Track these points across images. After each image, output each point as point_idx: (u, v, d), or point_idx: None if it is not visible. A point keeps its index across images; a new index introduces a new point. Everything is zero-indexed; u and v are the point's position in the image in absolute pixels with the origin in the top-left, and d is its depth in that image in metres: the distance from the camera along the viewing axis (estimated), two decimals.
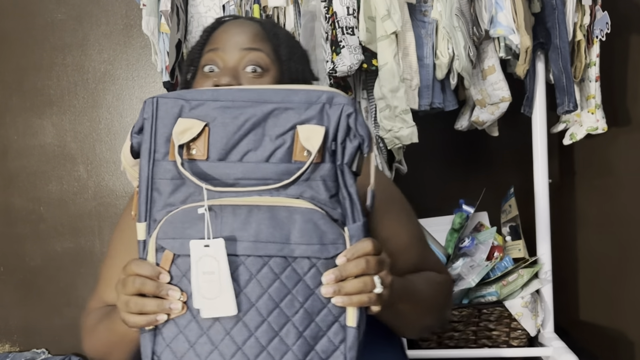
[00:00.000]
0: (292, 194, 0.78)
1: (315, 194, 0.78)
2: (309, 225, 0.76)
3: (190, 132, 0.77)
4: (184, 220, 0.76)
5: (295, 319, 0.76)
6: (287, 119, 0.79)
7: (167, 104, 0.79)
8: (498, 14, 1.61)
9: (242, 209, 0.76)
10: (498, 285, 1.70)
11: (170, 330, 0.77)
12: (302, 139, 0.78)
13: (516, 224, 1.86)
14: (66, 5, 2.05)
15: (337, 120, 0.79)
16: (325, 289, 0.76)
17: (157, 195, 0.79)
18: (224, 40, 1.00)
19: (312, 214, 0.76)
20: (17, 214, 2.07)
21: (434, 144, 1.93)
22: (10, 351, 2.06)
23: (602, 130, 1.82)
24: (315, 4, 1.57)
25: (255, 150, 0.78)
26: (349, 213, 0.79)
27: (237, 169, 0.78)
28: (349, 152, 0.80)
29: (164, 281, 0.77)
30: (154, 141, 0.79)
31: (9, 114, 2.07)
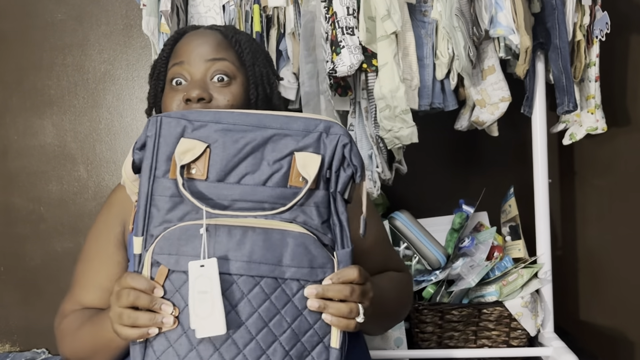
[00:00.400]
0: (286, 217, 0.81)
1: (308, 219, 0.82)
2: (300, 249, 0.80)
3: (192, 153, 0.80)
4: (180, 237, 0.79)
5: (283, 338, 0.79)
6: (285, 145, 0.82)
7: (170, 124, 0.82)
8: (498, 14, 1.61)
9: (237, 229, 0.79)
10: (498, 285, 1.70)
11: (160, 344, 0.78)
12: (299, 166, 0.81)
13: (516, 224, 1.86)
14: (66, 5, 2.05)
15: (333, 150, 0.83)
16: (311, 302, 0.79)
17: (155, 211, 0.81)
18: (188, 52, 1.02)
19: (304, 238, 0.80)
20: (17, 214, 2.07)
21: (434, 144, 1.93)
22: (11, 351, 2.06)
23: (602, 130, 1.82)
24: (315, 4, 1.57)
25: (252, 174, 0.81)
26: (339, 239, 0.83)
27: (235, 190, 0.81)
28: (342, 181, 0.84)
29: (158, 295, 0.78)
30: (156, 159, 0.82)
31: (9, 114, 2.07)
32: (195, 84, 1.00)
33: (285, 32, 1.64)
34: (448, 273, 1.74)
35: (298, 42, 1.61)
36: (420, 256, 1.77)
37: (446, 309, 1.72)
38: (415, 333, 1.76)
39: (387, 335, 1.72)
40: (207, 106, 0.99)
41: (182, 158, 0.80)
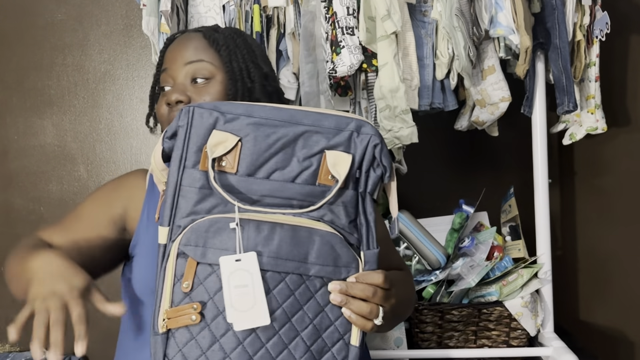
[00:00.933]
0: (314, 215, 0.82)
1: (335, 218, 0.83)
2: (326, 248, 0.80)
3: (223, 146, 0.80)
4: (209, 229, 0.79)
5: (304, 333, 0.80)
6: (316, 143, 0.82)
7: (202, 115, 0.82)
8: (498, 14, 1.62)
9: (266, 225, 0.79)
10: (498, 285, 1.70)
11: (183, 336, 0.79)
12: (330, 164, 0.82)
13: (516, 224, 1.86)
14: (66, 5, 2.05)
15: (364, 150, 0.84)
16: (334, 295, 0.80)
17: (183, 202, 0.81)
18: (171, 59, 1.05)
19: (331, 237, 0.81)
20: (17, 214, 2.07)
21: (434, 144, 1.93)
22: (11, 351, 2.06)
23: (602, 130, 1.82)
24: (315, 4, 1.57)
25: (282, 170, 0.82)
26: (365, 239, 0.84)
27: (264, 186, 0.81)
28: (372, 181, 0.85)
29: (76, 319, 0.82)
30: (186, 149, 0.81)
31: (9, 114, 2.07)
32: (175, 88, 1.02)
33: (285, 32, 1.64)
34: (448, 273, 1.74)
35: (298, 42, 1.61)
36: (420, 256, 1.77)
37: (446, 309, 1.72)
38: (415, 333, 1.76)
39: (387, 335, 1.72)
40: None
41: (213, 150, 0.80)
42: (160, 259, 0.81)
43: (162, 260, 0.81)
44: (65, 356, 2.08)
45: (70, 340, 0.87)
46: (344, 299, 0.80)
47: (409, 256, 1.81)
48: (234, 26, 1.63)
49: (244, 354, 0.78)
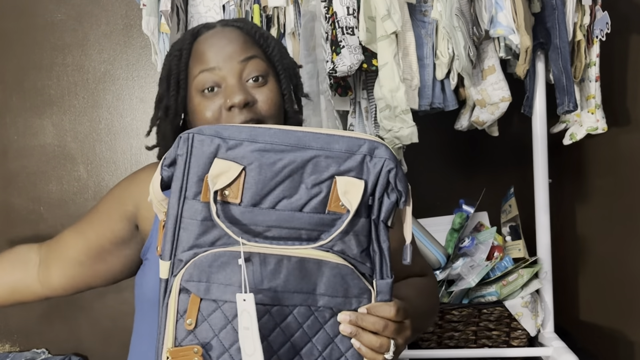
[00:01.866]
0: (323, 246, 0.78)
1: (346, 248, 0.78)
2: (336, 279, 0.77)
3: (226, 176, 0.76)
4: (212, 264, 0.75)
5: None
6: (326, 168, 0.77)
7: (203, 142, 0.77)
8: (498, 14, 1.61)
9: (272, 258, 0.76)
10: (498, 285, 1.70)
11: None
12: (340, 192, 0.77)
13: (516, 224, 1.86)
14: (66, 5, 2.05)
15: (377, 175, 0.78)
16: (344, 326, 0.77)
17: (184, 235, 0.77)
18: (216, 55, 0.96)
19: (341, 268, 0.77)
20: (17, 214, 2.07)
21: (434, 144, 1.93)
22: (10, 351, 2.06)
23: (602, 130, 1.82)
24: (315, 4, 1.57)
25: (289, 198, 0.77)
26: (378, 268, 0.80)
27: (271, 216, 0.77)
28: (385, 208, 0.80)
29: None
30: (187, 179, 0.77)
31: (9, 114, 2.07)
32: (234, 89, 0.95)
33: (285, 32, 1.64)
34: (448, 273, 1.74)
35: (298, 42, 1.61)
36: None
37: (446, 309, 1.72)
38: None
39: None
40: (252, 110, 0.96)
41: (215, 182, 0.75)
42: (162, 294, 0.78)
43: (164, 296, 0.77)
44: (65, 356, 2.09)
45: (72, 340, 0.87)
46: (353, 330, 0.77)
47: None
48: None
49: None
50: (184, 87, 1.00)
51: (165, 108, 1.01)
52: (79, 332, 2.05)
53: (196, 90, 0.97)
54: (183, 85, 1.00)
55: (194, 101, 0.98)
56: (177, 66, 1.00)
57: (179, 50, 1.00)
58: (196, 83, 0.97)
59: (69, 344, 2.03)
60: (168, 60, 1.02)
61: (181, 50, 1.00)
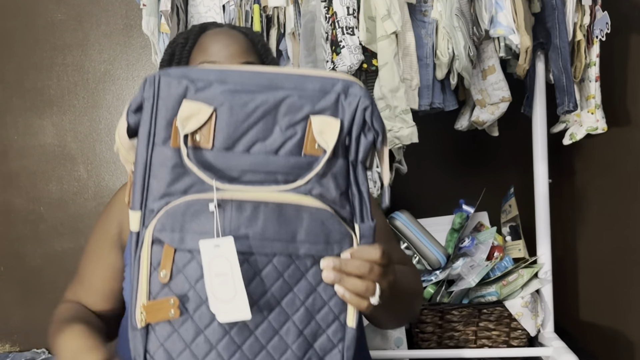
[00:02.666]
0: (301, 190, 0.74)
1: (324, 191, 0.75)
2: (316, 224, 0.74)
3: (196, 119, 0.72)
4: (185, 212, 0.72)
5: (296, 317, 0.75)
6: (299, 108, 0.74)
7: (170, 84, 0.73)
8: (498, 14, 1.61)
9: (248, 204, 0.72)
10: (498, 285, 1.70)
11: (164, 329, 0.73)
12: (316, 132, 0.74)
13: (516, 224, 1.86)
14: (66, 5, 2.05)
15: (353, 114, 0.75)
16: (327, 273, 0.73)
17: (154, 183, 0.73)
18: (219, 51, 0.99)
19: (321, 213, 0.74)
20: (17, 214, 2.07)
21: (434, 144, 1.93)
22: (10, 351, 2.06)
23: (602, 130, 1.82)
24: (315, 4, 1.57)
25: (263, 141, 0.74)
26: (358, 211, 0.77)
27: (245, 160, 0.73)
28: (363, 148, 0.76)
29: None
30: (154, 124, 0.73)
31: (10, 114, 2.07)
32: None
33: (285, 32, 1.64)
34: (448, 273, 1.74)
35: (298, 42, 1.61)
36: (421, 256, 1.77)
37: (446, 309, 1.72)
38: (415, 333, 1.76)
39: (387, 335, 1.71)
40: None
41: (185, 125, 0.72)
42: (134, 248, 0.74)
43: (135, 249, 0.73)
44: None
45: None
46: (337, 277, 0.73)
47: (409, 256, 1.81)
48: None
49: (232, 345, 0.72)
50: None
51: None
52: None
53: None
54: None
55: None
56: (180, 52, 1.02)
57: (185, 38, 1.03)
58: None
59: None
60: (172, 46, 1.04)
61: (187, 39, 1.03)
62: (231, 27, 1.06)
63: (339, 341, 0.76)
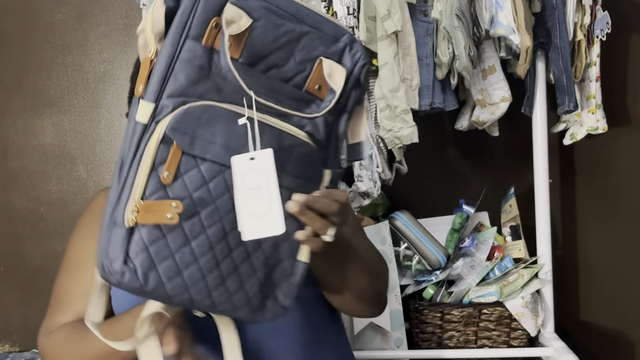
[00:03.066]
0: (297, 123, 0.77)
1: (315, 130, 0.78)
2: (304, 160, 0.75)
3: (237, 25, 0.71)
4: (201, 117, 0.69)
5: (266, 245, 0.75)
6: (315, 48, 0.77)
7: None
8: (498, 14, 1.61)
9: (258, 124, 0.72)
10: (498, 285, 1.70)
11: (152, 233, 0.68)
12: (326, 74, 0.77)
13: (516, 224, 1.86)
14: (66, 5, 2.05)
15: (353, 67, 0.80)
16: (292, 204, 0.73)
17: (175, 78, 0.70)
18: None
19: (310, 150, 0.76)
20: (17, 214, 2.07)
21: (434, 144, 1.93)
22: (10, 351, 2.06)
23: (603, 130, 1.82)
24: (315, 4, 1.57)
25: (279, 68, 0.75)
26: (332, 158, 0.80)
27: (261, 81, 0.74)
28: (351, 101, 0.81)
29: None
30: (193, 17, 0.71)
31: (9, 114, 2.07)
32: None
33: None
34: (448, 273, 1.74)
35: None
36: (421, 256, 1.77)
37: (446, 309, 1.72)
38: (415, 333, 1.76)
39: (387, 336, 1.71)
40: None
41: (227, 27, 0.70)
42: (137, 140, 0.69)
43: (138, 142, 0.69)
44: None
45: None
46: (301, 209, 0.73)
47: (409, 256, 1.81)
48: None
49: (212, 261, 0.70)
50: None
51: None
52: None
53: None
54: None
55: None
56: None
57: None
58: None
59: None
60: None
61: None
62: None
63: (291, 275, 0.77)
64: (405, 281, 1.83)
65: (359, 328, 1.67)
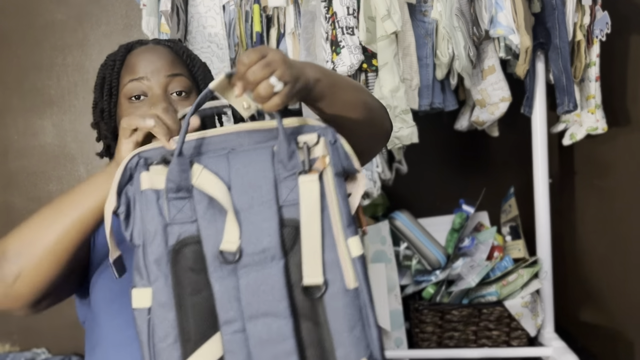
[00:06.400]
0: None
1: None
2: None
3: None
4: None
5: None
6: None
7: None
8: (498, 14, 1.62)
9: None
10: (498, 285, 1.70)
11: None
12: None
13: (516, 224, 1.86)
14: (66, 5, 2.05)
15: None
16: (237, 89, 0.77)
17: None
18: (145, 68, 1.03)
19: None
20: (17, 214, 2.07)
21: (434, 144, 1.93)
22: (10, 351, 2.06)
23: (602, 130, 1.82)
24: (315, 4, 1.57)
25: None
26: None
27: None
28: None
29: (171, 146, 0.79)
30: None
31: (10, 114, 2.07)
32: (159, 98, 1.01)
33: (285, 32, 1.64)
34: (448, 273, 1.74)
35: (298, 42, 1.61)
36: (421, 256, 1.77)
37: (446, 309, 1.72)
38: (415, 333, 1.76)
39: (387, 335, 1.72)
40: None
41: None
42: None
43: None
44: (65, 356, 2.08)
45: (72, 340, 0.86)
46: (245, 86, 0.77)
47: (409, 256, 1.81)
48: (234, 26, 1.64)
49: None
50: (115, 94, 1.06)
51: (101, 111, 1.07)
52: (79, 332, 2.05)
53: (125, 97, 1.03)
54: (115, 92, 1.06)
55: (122, 107, 1.04)
56: (110, 75, 1.06)
57: (113, 60, 1.07)
58: (125, 91, 1.03)
59: (69, 344, 2.03)
60: (103, 69, 1.09)
61: (115, 61, 1.07)
62: (156, 43, 1.10)
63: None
64: (405, 281, 1.83)
65: None
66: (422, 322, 1.73)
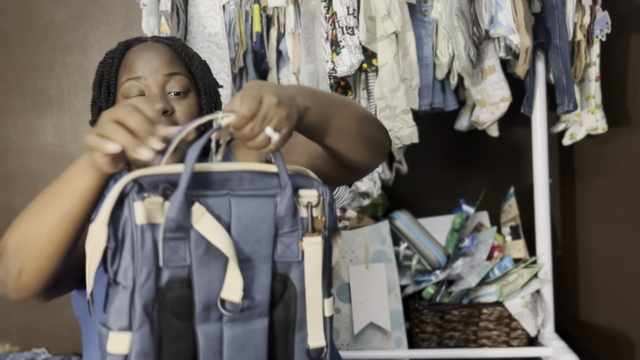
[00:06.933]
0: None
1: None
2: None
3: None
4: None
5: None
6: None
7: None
8: (498, 14, 1.62)
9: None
10: (498, 285, 1.70)
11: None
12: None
13: (516, 224, 1.86)
14: (66, 5, 2.05)
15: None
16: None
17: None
18: (143, 67, 1.02)
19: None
20: (17, 214, 2.06)
21: (434, 144, 1.93)
22: (10, 351, 2.06)
23: (602, 130, 1.82)
24: (315, 4, 1.57)
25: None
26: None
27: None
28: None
29: (155, 133, 0.71)
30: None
31: (10, 114, 2.07)
32: (156, 97, 0.99)
33: (285, 32, 1.64)
34: (448, 273, 1.74)
35: (298, 42, 1.61)
36: (421, 256, 1.77)
37: (446, 309, 1.72)
38: (415, 333, 1.76)
39: (387, 335, 1.72)
40: (169, 118, 0.99)
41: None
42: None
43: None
44: (64, 356, 2.08)
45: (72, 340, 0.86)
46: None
47: (409, 256, 1.81)
48: (234, 26, 1.64)
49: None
50: (113, 92, 1.05)
51: (99, 110, 1.06)
52: (79, 332, 2.05)
53: (122, 96, 1.03)
54: (113, 91, 1.05)
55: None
56: (108, 73, 1.06)
57: (111, 58, 1.07)
58: (123, 89, 1.02)
59: (69, 344, 2.03)
60: (101, 66, 1.08)
61: (113, 59, 1.06)
62: (155, 40, 1.09)
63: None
64: (405, 281, 1.83)
65: (359, 328, 1.67)
66: (422, 322, 1.73)
